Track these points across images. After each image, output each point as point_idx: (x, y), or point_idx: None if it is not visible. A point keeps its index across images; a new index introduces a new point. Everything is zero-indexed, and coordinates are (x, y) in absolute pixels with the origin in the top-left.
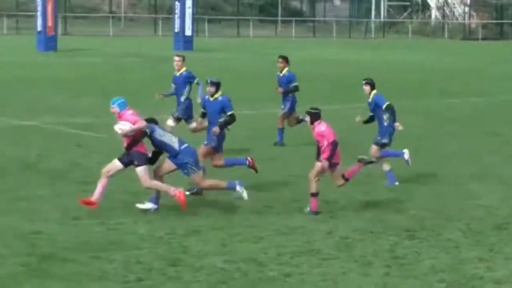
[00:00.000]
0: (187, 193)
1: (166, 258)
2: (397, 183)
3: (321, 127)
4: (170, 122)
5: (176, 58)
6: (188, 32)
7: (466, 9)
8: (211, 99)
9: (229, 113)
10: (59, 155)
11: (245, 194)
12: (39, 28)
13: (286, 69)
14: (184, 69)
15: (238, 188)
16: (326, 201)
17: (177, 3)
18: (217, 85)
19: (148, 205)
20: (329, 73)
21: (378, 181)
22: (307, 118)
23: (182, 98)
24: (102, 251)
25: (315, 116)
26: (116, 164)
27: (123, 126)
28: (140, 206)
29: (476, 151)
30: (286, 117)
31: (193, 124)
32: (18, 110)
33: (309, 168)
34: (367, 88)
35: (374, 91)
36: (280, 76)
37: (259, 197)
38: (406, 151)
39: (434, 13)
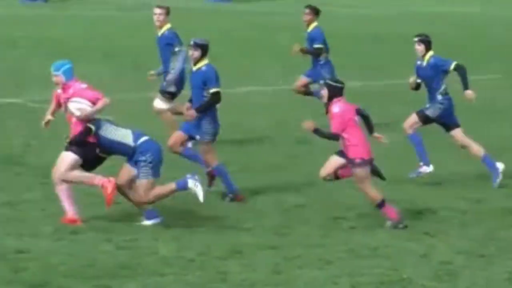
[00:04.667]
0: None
1: None
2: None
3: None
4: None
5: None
6: None
7: None
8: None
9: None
10: (53, 145)
11: (200, 192)
12: None
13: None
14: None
15: (190, 183)
16: (419, 211)
17: None
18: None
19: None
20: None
21: (489, 184)
22: (324, 92)
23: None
24: (111, 278)
25: (335, 90)
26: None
27: (81, 105)
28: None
29: None
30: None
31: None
32: None
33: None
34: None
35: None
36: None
37: (325, 205)
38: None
39: None
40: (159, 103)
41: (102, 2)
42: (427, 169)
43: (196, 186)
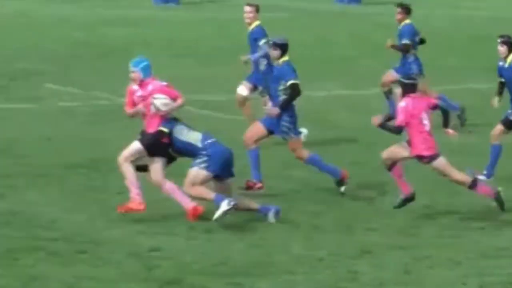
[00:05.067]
0: None
1: (329, 287)
2: None
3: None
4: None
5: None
6: None
7: None
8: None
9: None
10: None
11: (218, 213)
12: None
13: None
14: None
15: (224, 203)
16: None
17: None
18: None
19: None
20: None
21: None
22: (398, 90)
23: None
24: (243, 276)
25: (408, 87)
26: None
27: (166, 101)
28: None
29: None
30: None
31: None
32: None
33: None
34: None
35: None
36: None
37: (453, 205)
38: None
39: None
40: (243, 90)
41: (234, 4)
42: (485, 179)
43: (223, 207)
